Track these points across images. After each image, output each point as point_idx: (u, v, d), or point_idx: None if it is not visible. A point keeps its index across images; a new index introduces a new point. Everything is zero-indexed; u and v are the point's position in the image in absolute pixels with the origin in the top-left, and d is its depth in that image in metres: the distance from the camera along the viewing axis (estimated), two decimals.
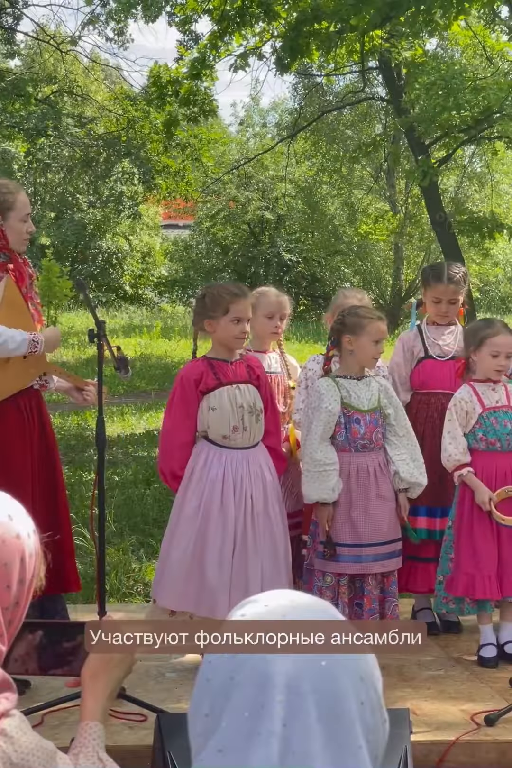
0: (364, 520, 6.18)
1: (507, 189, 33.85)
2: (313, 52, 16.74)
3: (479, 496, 6.32)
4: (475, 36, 20.61)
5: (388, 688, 5.90)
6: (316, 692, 1.60)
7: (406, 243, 33.52)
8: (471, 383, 6.50)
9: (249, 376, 6.26)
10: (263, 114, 40.97)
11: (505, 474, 6.41)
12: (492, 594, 6.31)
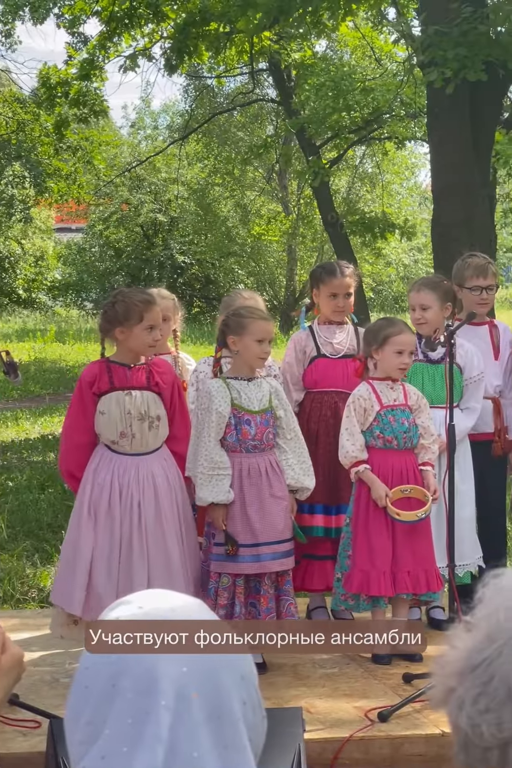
0: (260, 519, 6.19)
1: (398, 189, 34.20)
2: (203, 53, 16.75)
3: (375, 492, 6.37)
4: (364, 37, 20.79)
5: (283, 687, 5.95)
6: (201, 695, 1.59)
7: (299, 244, 33.67)
8: (370, 381, 6.54)
9: (148, 382, 6.23)
10: (154, 116, 40.94)
11: (401, 472, 6.47)
12: (386, 590, 6.36)
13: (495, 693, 1.23)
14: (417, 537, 6.43)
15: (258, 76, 24.35)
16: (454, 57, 11.25)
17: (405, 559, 6.40)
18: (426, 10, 12.33)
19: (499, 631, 1.25)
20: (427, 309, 6.89)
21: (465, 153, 12.47)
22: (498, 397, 7.27)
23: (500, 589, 1.30)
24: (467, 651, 1.31)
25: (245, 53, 19.50)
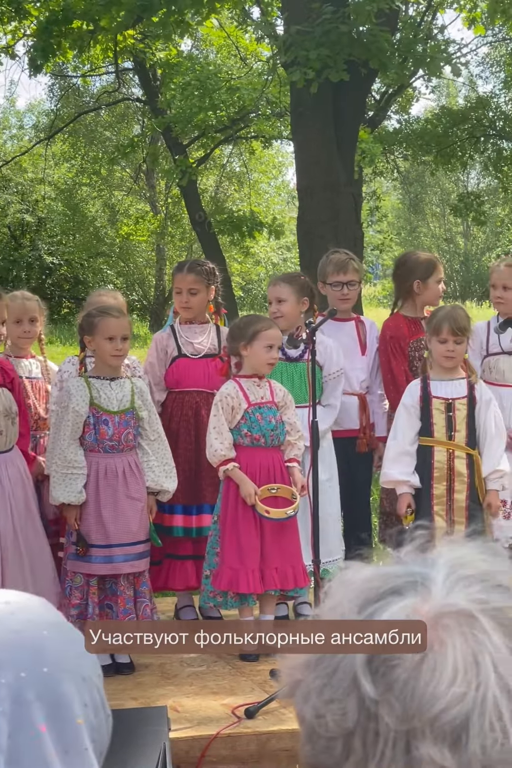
0: (113, 520, 6.18)
1: (266, 188, 34.35)
2: (67, 52, 16.61)
3: (244, 489, 6.38)
4: (229, 36, 20.84)
5: (150, 687, 5.94)
6: (40, 699, 1.56)
7: (168, 243, 33.59)
8: (237, 379, 6.55)
9: (3, 379, 6.19)
10: (19, 116, 40.46)
11: (268, 469, 6.49)
12: (255, 588, 6.38)
13: (339, 684, 1.24)
14: (285, 534, 6.45)
15: (124, 75, 24.24)
16: (317, 57, 11.35)
17: (273, 556, 6.43)
18: (288, 9, 12.42)
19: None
20: (283, 302, 6.93)
21: (329, 151, 12.60)
22: (364, 394, 7.33)
23: (343, 582, 1.32)
24: None
25: (110, 51, 19.41)
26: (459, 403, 6.56)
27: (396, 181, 35.46)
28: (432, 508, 6.51)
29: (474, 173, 41.73)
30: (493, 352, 7.27)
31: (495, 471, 6.50)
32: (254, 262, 35.85)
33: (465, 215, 26.39)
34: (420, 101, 68.68)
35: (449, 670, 1.19)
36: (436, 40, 14.65)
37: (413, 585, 1.26)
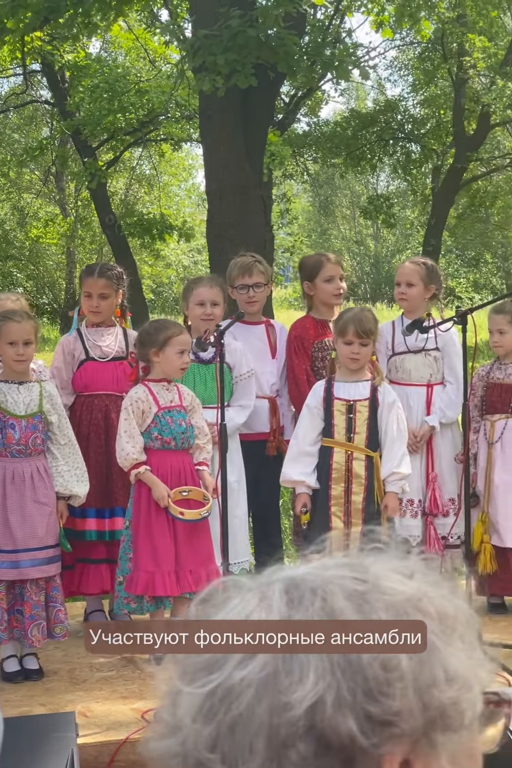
0: (20, 525, 6.14)
1: (176, 191, 34.32)
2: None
3: (157, 492, 6.37)
4: (137, 39, 20.78)
5: (59, 693, 5.91)
6: None
7: (78, 246, 33.41)
8: (146, 383, 6.53)
9: None
10: None
11: (179, 472, 6.49)
12: (172, 590, 6.37)
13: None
14: (198, 536, 6.45)
15: (32, 77, 24.05)
16: (225, 62, 11.35)
17: (187, 558, 6.42)
18: (196, 13, 12.42)
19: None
20: (216, 305, 6.96)
21: (238, 154, 12.61)
22: (274, 397, 7.36)
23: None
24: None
25: (18, 53, 19.25)
26: (360, 405, 6.61)
27: (306, 183, 35.66)
28: (329, 508, 6.55)
29: (383, 176, 42.10)
30: (399, 351, 7.34)
31: (393, 473, 6.55)
32: (165, 264, 35.79)
33: (375, 218, 26.63)
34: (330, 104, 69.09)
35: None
36: (344, 43, 14.72)
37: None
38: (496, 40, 22.79)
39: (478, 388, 7.29)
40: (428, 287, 7.32)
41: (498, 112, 20.47)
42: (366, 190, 42.44)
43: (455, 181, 23.66)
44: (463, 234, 33.13)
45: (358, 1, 16.55)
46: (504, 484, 7.20)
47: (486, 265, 43.44)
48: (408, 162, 24.71)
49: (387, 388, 6.74)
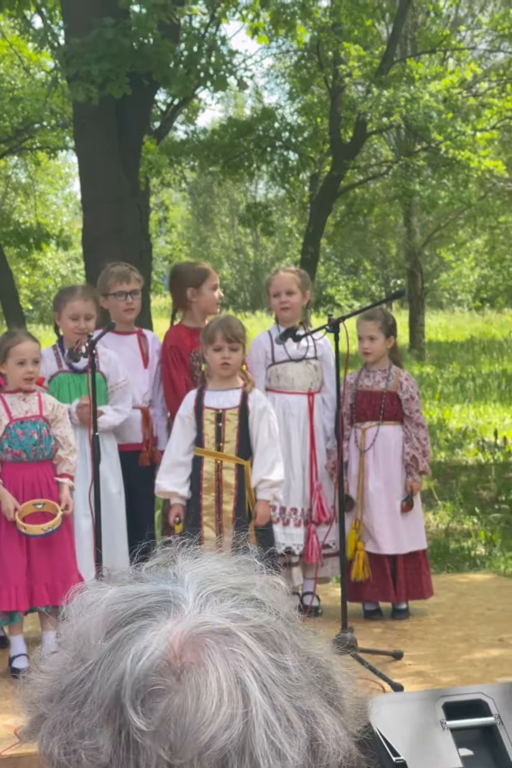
0: None
1: (53, 199, 34.05)
2: None
3: (3, 505, 6.32)
4: (11, 46, 20.55)
5: None
6: None
7: None
8: (1, 394, 6.47)
9: None
10: None
11: (33, 484, 6.43)
12: (18, 605, 6.30)
13: (90, 715, 1.14)
14: (54, 549, 6.40)
15: None
16: (98, 71, 11.28)
17: (42, 571, 6.36)
18: (69, 21, 12.32)
19: (89, 650, 1.17)
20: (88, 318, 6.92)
21: (113, 163, 12.54)
22: (146, 407, 7.33)
23: (86, 605, 1.23)
24: (56, 674, 1.23)
25: None
26: (229, 413, 6.62)
27: (184, 191, 35.66)
28: (201, 518, 6.55)
29: (261, 184, 42.30)
30: (280, 360, 7.37)
31: (263, 480, 6.56)
32: (42, 274, 35.48)
33: (254, 225, 26.69)
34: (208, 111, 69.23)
35: (213, 694, 1.12)
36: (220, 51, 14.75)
37: (164, 605, 1.18)
38: (371, 49, 23.03)
39: (347, 396, 7.35)
40: (305, 294, 7.42)
41: (374, 120, 20.67)
42: (245, 197, 42.59)
43: (332, 189, 23.84)
44: (341, 241, 33.40)
45: (233, 8, 16.55)
46: (378, 490, 7.27)
47: (365, 273, 43.90)
48: (285, 170, 24.82)
49: (258, 394, 6.75)
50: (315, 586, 7.37)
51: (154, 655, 1.13)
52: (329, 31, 20.99)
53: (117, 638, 1.16)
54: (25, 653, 6.38)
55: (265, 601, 1.22)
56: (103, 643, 1.17)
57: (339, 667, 1.26)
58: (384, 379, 7.36)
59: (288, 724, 1.13)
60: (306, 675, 1.18)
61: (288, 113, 26.77)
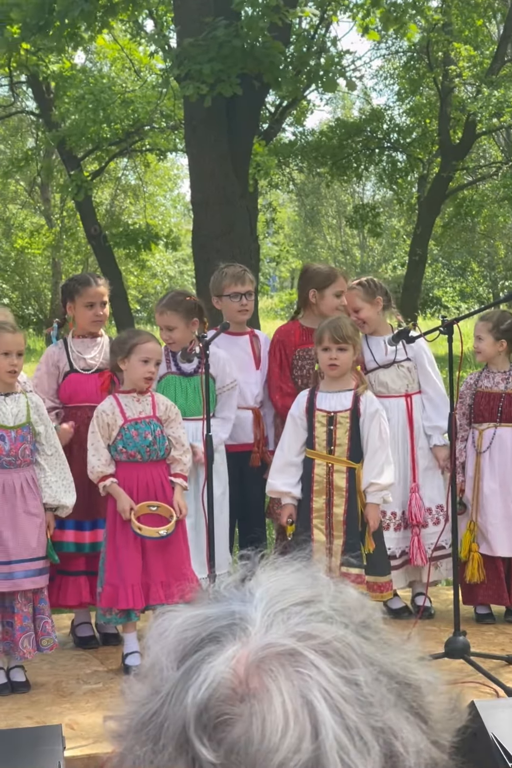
0: (13, 536, 6.11)
1: (162, 201, 34.33)
2: None
3: (119, 505, 6.37)
4: (122, 49, 20.77)
5: (46, 705, 5.88)
6: None
7: (63, 257, 33.38)
8: (116, 395, 6.54)
9: None
10: None
11: (147, 484, 6.47)
12: (135, 603, 6.35)
13: (163, 750, 1.11)
14: (169, 548, 6.44)
15: (18, 88, 24.04)
16: (210, 71, 11.36)
17: (157, 570, 6.41)
18: (181, 23, 12.42)
19: (162, 681, 1.14)
20: (174, 329, 6.93)
21: (223, 164, 12.62)
22: (258, 408, 7.35)
23: (159, 636, 1.20)
24: (136, 705, 1.22)
25: (3, 66, 19.24)
26: (341, 416, 6.59)
27: (291, 193, 35.69)
28: (311, 521, 6.54)
29: (369, 185, 42.16)
30: (371, 368, 7.36)
31: (372, 484, 6.52)
32: (150, 275, 35.79)
33: (361, 227, 26.64)
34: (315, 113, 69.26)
35: (278, 719, 1.08)
36: (329, 52, 14.74)
37: (230, 629, 1.14)
38: (482, 49, 22.85)
39: (466, 396, 7.31)
40: (373, 301, 7.37)
41: (483, 121, 20.49)
42: (352, 199, 42.50)
43: (441, 190, 23.70)
44: (449, 243, 33.17)
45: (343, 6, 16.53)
46: (493, 492, 7.21)
47: (473, 274, 43.51)
48: (394, 171, 24.74)
49: (370, 397, 6.71)
50: (427, 587, 7.32)
51: (217, 682, 1.10)
52: (439, 30, 20.87)
53: (186, 667, 1.13)
54: (138, 650, 6.44)
55: (334, 614, 1.17)
56: (174, 673, 1.14)
57: (427, 673, 1.19)
58: (504, 380, 7.30)
59: (362, 743, 1.09)
60: (380, 688, 1.13)
61: (397, 114, 26.68)
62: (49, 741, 4.51)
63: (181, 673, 1.13)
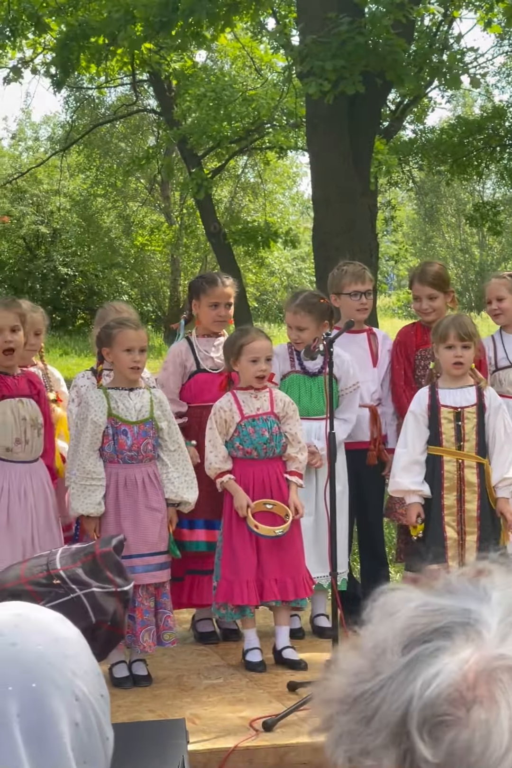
0: (133, 531, 6.17)
1: (280, 198, 34.34)
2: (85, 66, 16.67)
3: (237, 501, 6.40)
4: (243, 48, 20.83)
5: (168, 699, 5.92)
6: (22, 716, 1.52)
7: (182, 254, 33.60)
8: (234, 391, 6.56)
9: (30, 390, 6.22)
10: (35, 128, 40.54)
11: (263, 481, 6.49)
12: (249, 599, 6.37)
13: (376, 734, 1.09)
14: (284, 545, 6.45)
15: (140, 86, 24.26)
16: (333, 68, 11.33)
17: (272, 566, 6.42)
18: (304, 20, 12.40)
19: (384, 663, 1.11)
20: (304, 330, 6.93)
21: (344, 162, 12.58)
22: (375, 406, 7.32)
23: (388, 612, 1.16)
24: (350, 677, 1.18)
25: (127, 64, 19.44)
26: (468, 411, 6.53)
27: (411, 191, 35.45)
28: (442, 518, 6.48)
29: (489, 183, 41.68)
30: (502, 366, 7.27)
31: (504, 479, 6.46)
32: (269, 272, 35.84)
33: (481, 225, 26.34)
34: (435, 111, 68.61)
35: (503, 734, 1.04)
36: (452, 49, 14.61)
37: (463, 627, 1.10)
38: None
39: None
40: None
41: None
42: (472, 197, 42.05)
43: None
44: None
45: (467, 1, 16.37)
46: None
47: None
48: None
49: (492, 392, 6.66)
50: None
51: (447, 683, 1.07)
52: None
53: (412, 656, 1.10)
54: (258, 647, 6.45)
55: None
56: (399, 659, 1.11)
57: None
58: None
59: None
60: None
61: None
62: (173, 734, 4.54)
63: (406, 660, 1.10)
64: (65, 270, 34.94)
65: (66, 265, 35.06)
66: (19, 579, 5.04)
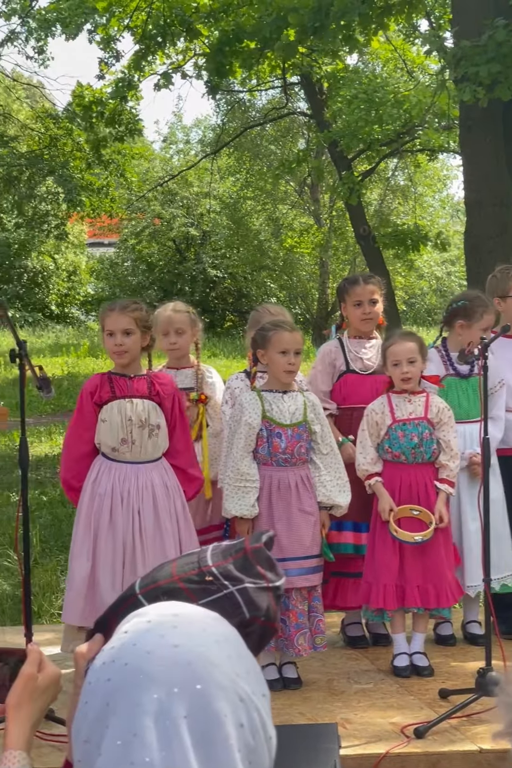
0: (287, 534, 6.18)
1: (430, 201, 34.12)
2: (237, 71, 16.82)
3: (380, 504, 6.40)
4: (396, 50, 20.74)
5: (318, 702, 5.93)
6: (190, 717, 1.53)
7: (331, 257, 33.61)
8: (389, 394, 6.54)
9: (149, 391, 6.23)
10: (186, 131, 40.99)
11: (410, 486, 6.45)
12: (385, 603, 6.34)
13: None
14: (428, 552, 6.40)
15: (290, 89, 24.35)
16: (487, 73, 11.21)
17: (415, 573, 6.38)
18: (459, 23, 12.30)
19: None
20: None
21: (498, 166, 12.43)
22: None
23: None
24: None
25: (278, 67, 19.53)
26: None
27: None
28: None
29: None
30: None
31: None
32: (418, 276, 35.62)
33: None
34: None
35: None
36: None
37: None
38: None
39: None
40: None
41: None
42: None
43: None
44: None
45: None
46: None
47: None
48: None
49: None
50: None
51: None
52: None
53: None
54: (406, 652, 6.42)
55: None
56: None
57: None
58: None
59: None
60: None
61: None
62: (325, 739, 4.53)
63: None
64: (214, 272, 35.27)
65: (215, 267, 35.39)
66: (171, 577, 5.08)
